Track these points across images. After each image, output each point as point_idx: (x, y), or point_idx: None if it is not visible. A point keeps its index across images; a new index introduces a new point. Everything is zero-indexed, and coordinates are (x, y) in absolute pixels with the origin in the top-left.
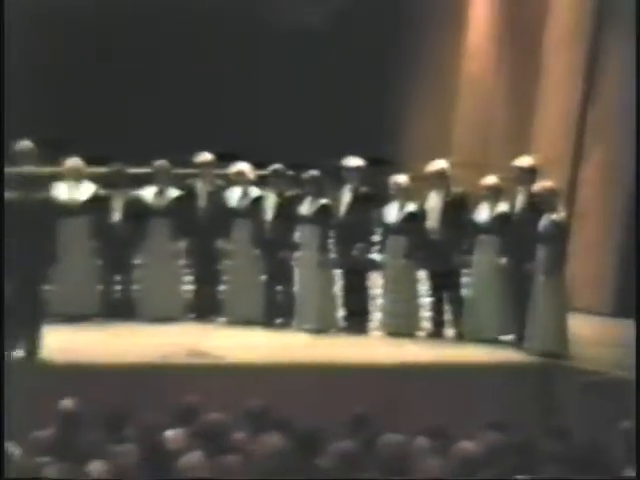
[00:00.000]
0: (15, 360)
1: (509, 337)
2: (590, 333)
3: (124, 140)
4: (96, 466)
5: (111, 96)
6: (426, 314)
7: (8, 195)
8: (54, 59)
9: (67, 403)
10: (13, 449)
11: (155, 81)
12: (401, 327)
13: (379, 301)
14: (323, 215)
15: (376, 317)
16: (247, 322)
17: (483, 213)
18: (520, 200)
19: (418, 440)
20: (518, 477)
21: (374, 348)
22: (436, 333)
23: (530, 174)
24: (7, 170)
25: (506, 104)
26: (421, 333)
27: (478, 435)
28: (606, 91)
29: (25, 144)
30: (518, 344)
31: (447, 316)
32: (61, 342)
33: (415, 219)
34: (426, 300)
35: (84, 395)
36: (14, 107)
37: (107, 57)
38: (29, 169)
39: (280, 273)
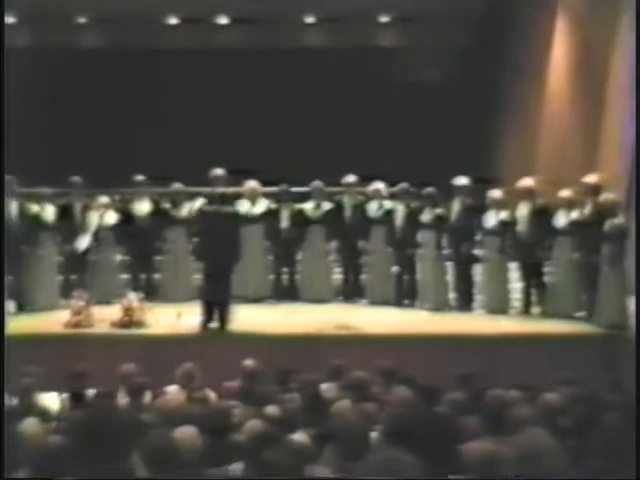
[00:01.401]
0: (211, 330)
1: (582, 314)
2: None
3: (290, 166)
4: (270, 409)
5: (283, 131)
6: (517, 296)
7: (206, 208)
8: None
9: (249, 362)
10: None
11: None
12: (497, 306)
13: (480, 286)
14: (439, 222)
15: (479, 299)
16: (382, 303)
17: (560, 219)
18: (589, 209)
19: (512, 393)
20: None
21: (477, 322)
22: (525, 311)
23: (596, 188)
24: (206, 190)
25: (578, 133)
26: (513, 311)
27: (557, 389)
28: None
29: (218, 171)
30: (589, 319)
31: (533, 298)
32: (244, 317)
33: (507, 224)
34: (517, 285)
35: (261, 356)
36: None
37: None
38: (221, 190)
39: (407, 266)
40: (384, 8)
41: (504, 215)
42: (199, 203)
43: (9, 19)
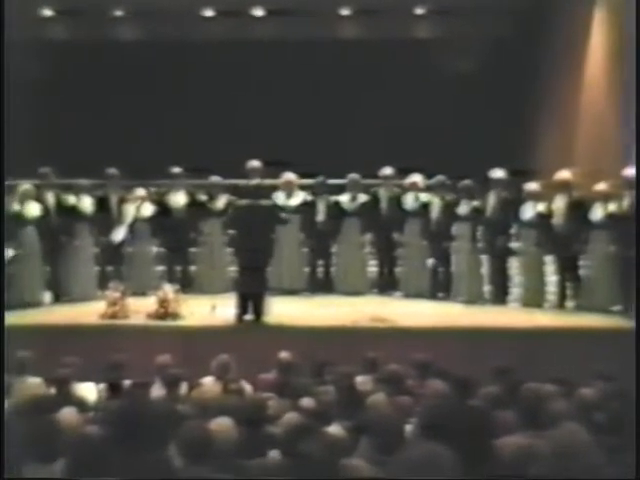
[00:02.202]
0: (247, 322)
1: (617, 307)
2: None
3: (327, 158)
4: (305, 402)
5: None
6: (552, 290)
7: (241, 201)
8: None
9: (285, 354)
10: (244, 385)
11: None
12: (532, 299)
13: (516, 279)
14: (475, 214)
15: (513, 292)
16: (417, 295)
17: (597, 212)
18: (626, 202)
19: (547, 387)
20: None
21: (512, 316)
22: (560, 305)
23: (633, 181)
24: (241, 182)
25: (616, 125)
26: (548, 304)
27: (593, 384)
28: None
29: (254, 163)
30: (624, 313)
31: (568, 291)
32: (279, 310)
33: (544, 217)
34: (552, 279)
35: (297, 348)
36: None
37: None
38: (256, 182)
39: (442, 258)
40: (420, 0)
41: (540, 208)
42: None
43: (47, 12)
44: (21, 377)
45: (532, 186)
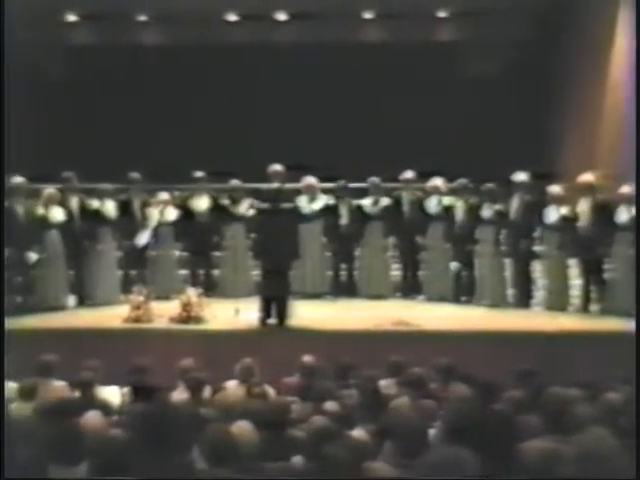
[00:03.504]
0: (270, 326)
1: None
2: None
3: (349, 162)
4: (329, 405)
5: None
6: (576, 293)
7: (263, 205)
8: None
9: (308, 358)
10: (268, 389)
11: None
12: (556, 303)
13: (539, 283)
14: (498, 217)
15: (537, 295)
16: (440, 299)
17: (621, 215)
18: None
19: (572, 391)
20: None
21: (535, 319)
22: (584, 308)
23: None
24: (263, 186)
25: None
26: (572, 308)
27: (619, 388)
28: None
29: (276, 167)
30: None
31: (593, 295)
32: (302, 313)
33: (567, 220)
34: (576, 282)
35: (320, 352)
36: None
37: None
38: (279, 186)
39: (465, 262)
40: (442, 3)
41: (564, 211)
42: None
43: (71, 17)
44: (46, 380)
45: (555, 189)
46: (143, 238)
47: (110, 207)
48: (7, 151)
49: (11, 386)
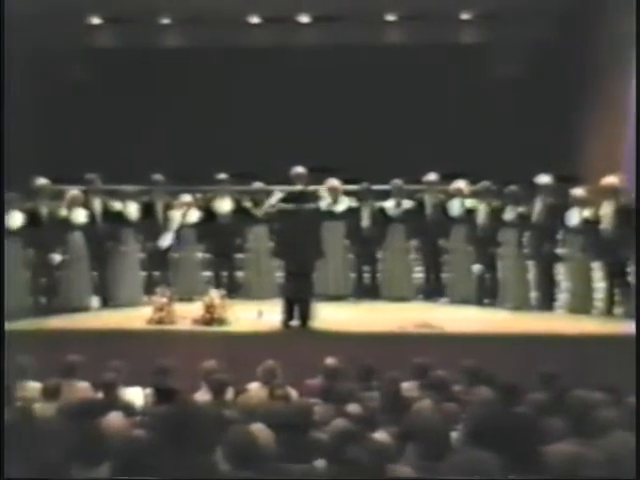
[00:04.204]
0: (293, 328)
1: None
2: None
3: (371, 164)
4: (351, 408)
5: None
6: (599, 296)
7: (285, 206)
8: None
9: (331, 360)
10: (290, 391)
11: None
12: (580, 306)
13: (562, 285)
14: (521, 220)
15: (560, 298)
16: (463, 302)
17: None
18: None
19: (595, 394)
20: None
21: (558, 322)
22: (608, 311)
23: None
24: (286, 188)
25: None
26: (595, 311)
27: None
28: None
29: (299, 169)
30: None
31: (616, 298)
32: (324, 315)
33: (590, 223)
34: (600, 285)
35: (342, 354)
36: None
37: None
38: (301, 188)
39: (488, 264)
40: (466, 5)
41: (587, 213)
42: (275, 199)
43: (95, 20)
44: (70, 381)
45: (579, 191)
46: (166, 240)
47: (133, 209)
48: (10, 153)
49: (35, 386)
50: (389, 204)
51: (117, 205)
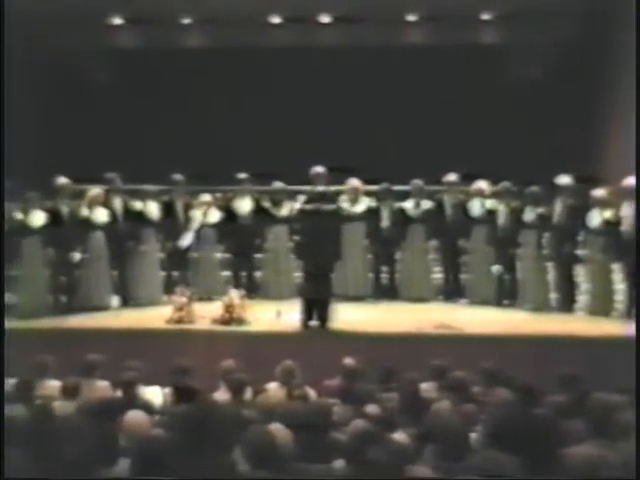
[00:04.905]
0: (312, 328)
1: None
2: None
3: (391, 164)
4: (370, 408)
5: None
6: (619, 298)
7: (307, 207)
8: None
9: (349, 360)
10: (309, 391)
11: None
12: (600, 308)
13: (582, 287)
14: (540, 221)
15: (580, 299)
16: (482, 303)
17: None
18: None
19: (615, 397)
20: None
21: (578, 324)
22: (628, 313)
23: None
24: (306, 188)
25: None
26: (615, 313)
27: None
28: None
29: (319, 169)
30: None
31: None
32: (343, 316)
33: (611, 224)
34: (620, 287)
35: (361, 355)
36: None
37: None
38: (322, 188)
39: (508, 265)
40: (486, 5)
41: (608, 215)
42: (299, 202)
43: (116, 20)
44: (89, 379)
45: (599, 193)
46: (186, 239)
47: (153, 208)
48: (31, 152)
49: (54, 384)
50: (409, 204)
51: (137, 205)
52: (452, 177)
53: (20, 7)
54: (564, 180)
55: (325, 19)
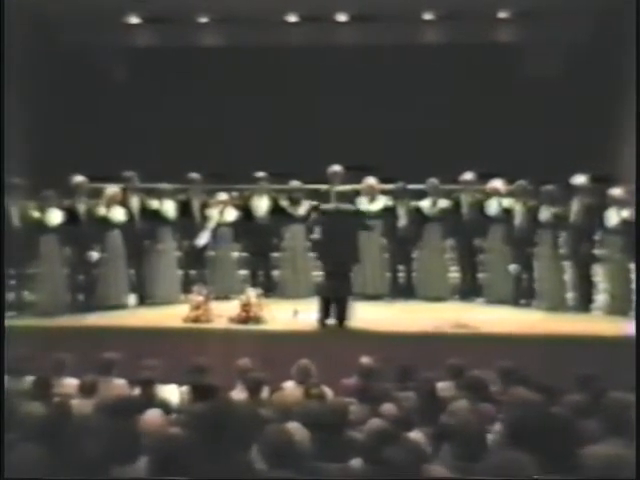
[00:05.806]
0: (329, 327)
1: None
2: None
3: (408, 163)
4: (386, 407)
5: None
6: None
7: (324, 206)
8: None
9: (366, 359)
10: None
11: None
12: (617, 307)
13: (600, 286)
14: (557, 220)
15: (598, 299)
16: (499, 302)
17: None
18: None
19: (632, 396)
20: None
21: (595, 324)
22: None
23: None
24: (323, 187)
25: None
26: (633, 313)
27: None
28: None
29: (336, 168)
30: None
31: None
32: (360, 315)
33: (629, 223)
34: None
35: (378, 354)
36: None
37: None
38: (339, 187)
39: (525, 264)
40: (503, 4)
41: (625, 214)
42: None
43: (133, 19)
44: (107, 378)
45: (616, 192)
46: (203, 238)
47: (170, 207)
48: (48, 151)
49: (72, 382)
50: (425, 203)
51: (154, 203)
52: (468, 176)
53: (39, 6)
54: (580, 179)
55: (342, 18)
